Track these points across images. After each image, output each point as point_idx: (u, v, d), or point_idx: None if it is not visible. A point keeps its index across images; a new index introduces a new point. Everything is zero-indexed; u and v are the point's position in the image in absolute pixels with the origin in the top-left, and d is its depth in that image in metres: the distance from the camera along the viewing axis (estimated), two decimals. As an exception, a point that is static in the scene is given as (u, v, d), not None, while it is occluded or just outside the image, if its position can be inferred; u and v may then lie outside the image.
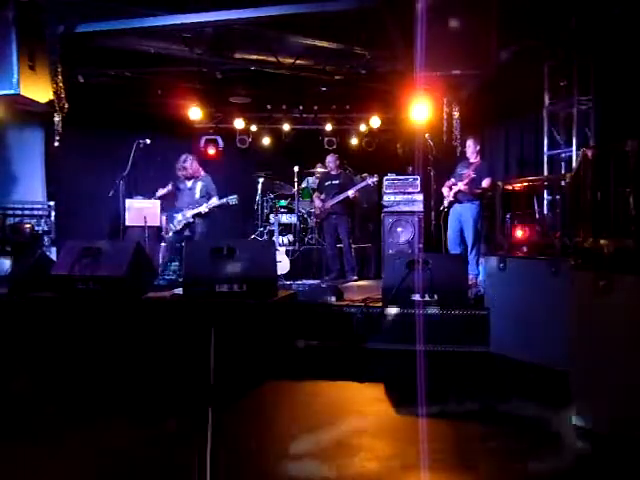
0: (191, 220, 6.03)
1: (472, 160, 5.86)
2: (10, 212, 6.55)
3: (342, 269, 6.87)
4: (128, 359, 3.95)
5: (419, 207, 6.86)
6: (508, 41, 5.17)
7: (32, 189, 7.05)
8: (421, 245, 6.75)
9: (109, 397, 3.35)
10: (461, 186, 5.76)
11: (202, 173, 6.25)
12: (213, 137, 9.29)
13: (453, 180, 5.89)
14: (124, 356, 3.96)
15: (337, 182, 6.94)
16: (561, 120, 5.85)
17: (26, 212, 6.63)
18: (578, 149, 5.42)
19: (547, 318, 3.71)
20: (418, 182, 6.93)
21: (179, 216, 6.05)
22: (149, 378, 3.71)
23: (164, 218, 6.54)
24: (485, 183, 5.70)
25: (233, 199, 6.05)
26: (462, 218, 5.81)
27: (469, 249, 5.76)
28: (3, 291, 4.65)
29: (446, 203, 5.92)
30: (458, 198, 5.82)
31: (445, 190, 5.93)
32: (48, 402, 3.26)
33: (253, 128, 9.26)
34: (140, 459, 2.54)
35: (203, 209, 5.99)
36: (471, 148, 5.85)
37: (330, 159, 7.16)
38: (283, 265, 6.73)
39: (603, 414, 2.76)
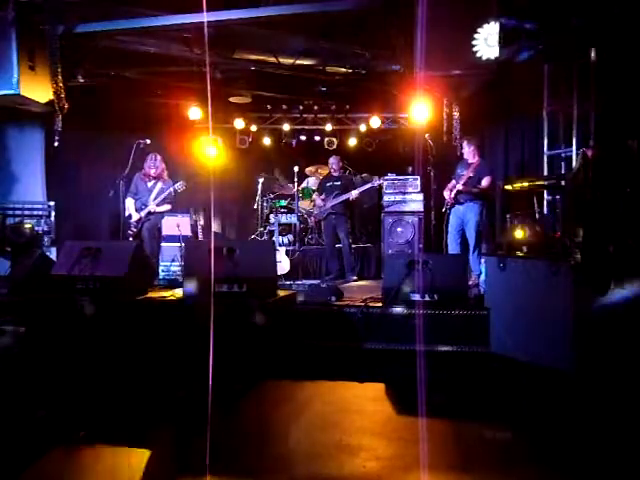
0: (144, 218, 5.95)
1: (470, 160, 5.86)
2: (10, 212, 6.53)
3: (342, 269, 6.87)
4: (128, 359, 3.95)
5: (419, 207, 6.87)
6: (508, 41, 5.17)
7: (32, 189, 7.04)
8: (421, 245, 6.75)
9: (109, 397, 3.35)
10: (459, 186, 5.77)
11: (165, 176, 6.14)
12: (213, 137, 9.28)
13: (454, 182, 5.89)
14: (124, 356, 3.96)
15: (338, 183, 6.96)
16: (561, 120, 5.84)
17: (26, 212, 6.62)
18: (578, 149, 5.42)
19: (547, 318, 3.71)
20: (418, 182, 6.93)
21: (135, 216, 5.91)
22: (148, 378, 3.71)
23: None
24: (485, 182, 5.69)
25: (179, 185, 5.98)
26: (464, 218, 5.79)
27: (471, 248, 5.73)
28: (3, 291, 4.65)
29: (447, 205, 5.92)
30: (458, 199, 5.81)
31: (446, 194, 5.93)
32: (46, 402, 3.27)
33: (253, 128, 9.25)
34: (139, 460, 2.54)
35: (152, 207, 5.90)
36: (467, 149, 5.84)
37: (333, 160, 7.17)
38: (283, 265, 6.73)
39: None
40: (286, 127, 9.14)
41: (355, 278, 6.81)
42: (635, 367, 3.19)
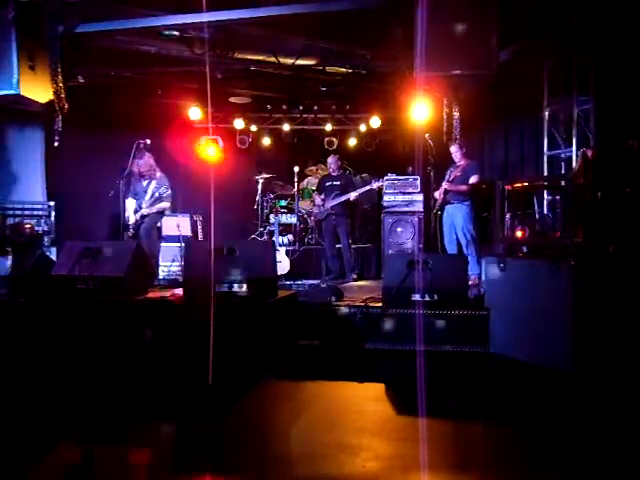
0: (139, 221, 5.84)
1: (459, 162, 5.99)
2: (10, 212, 6.53)
3: (342, 269, 6.87)
4: (128, 359, 3.95)
5: (419, 207, 6.85)
6: (508, 41, 5.17)
7: (32, 189, 7.04)
8: (421, 245, 6.74)
9: (109, 396, 3.35)
10: (445, 184, 5.90)
11: (157, 173, 5.95)
12: (213, 137, 9.28)
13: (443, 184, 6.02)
14: (124, 356, 3.96)
15: (338, 183, 6.95)
16: (561, 120, 5.84)
17: (26, 212, 6.62)
18: (578, 149, 5.42)
19: (547, 318, 3.71)
20: (418, 182, 6.92)
21: (132, 218, 5.82)
22: (148, 377, 3.71)
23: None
24: (472, 180, 5.78)
25: (163, 190, 5.82)
26: (454, 219, 5.91)
27: (464, 249, 5.81)
28: (3, 291, 4.65)
29: (437, 206, 6.05)
30: (448, 199, 5.93)
31: (436, 194, 6.05)
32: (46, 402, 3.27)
33: (253, 128, 9.25)
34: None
35: (144, 211, 5.78)
36: (458, 153, 5.97)
37: (331, 160, 7.17)
38: (283, 265, 6.72)
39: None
40: (286, 127, 9.14)
41: (355, 278, 6.81)
42: (634, 367, 3.19)
